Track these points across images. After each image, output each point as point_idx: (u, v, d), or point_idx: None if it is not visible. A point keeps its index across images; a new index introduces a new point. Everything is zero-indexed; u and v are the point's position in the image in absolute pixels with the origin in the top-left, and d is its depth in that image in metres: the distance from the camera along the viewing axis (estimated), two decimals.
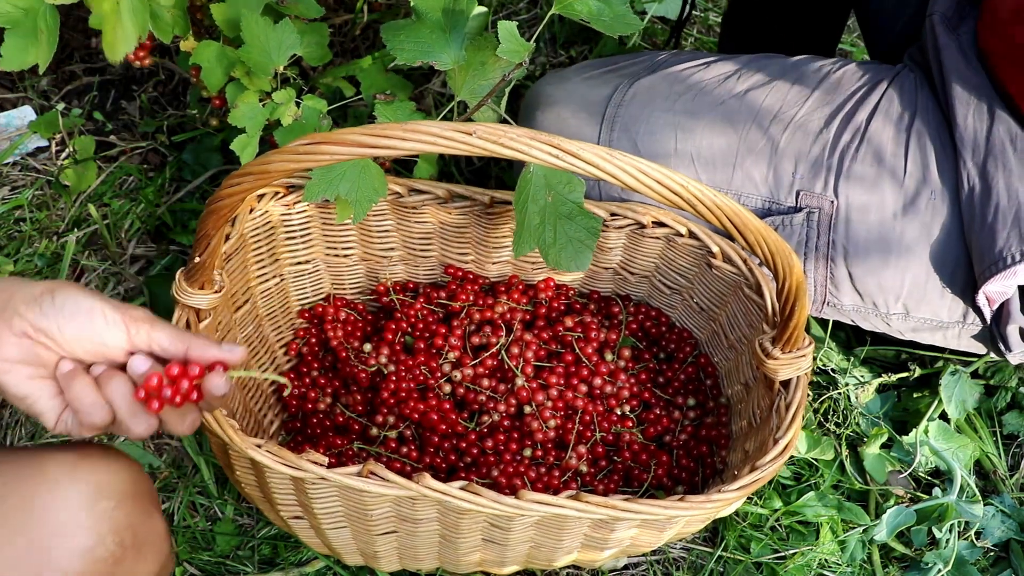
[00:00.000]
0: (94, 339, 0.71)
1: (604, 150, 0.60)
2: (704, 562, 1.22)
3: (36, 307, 0.70)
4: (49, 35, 0.96)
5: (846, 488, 1.29)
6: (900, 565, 1.26)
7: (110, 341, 0.71)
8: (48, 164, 1.47)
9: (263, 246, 1.12)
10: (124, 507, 0.75)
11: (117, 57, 0.98)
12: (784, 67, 1.22)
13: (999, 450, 1.34)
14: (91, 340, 0.71)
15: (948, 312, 1.17)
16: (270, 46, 1.02)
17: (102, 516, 0.73)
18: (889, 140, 1.15)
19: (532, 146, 0.60)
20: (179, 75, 1.55)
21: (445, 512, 0.93)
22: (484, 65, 1.02)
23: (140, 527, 0.76)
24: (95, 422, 0.72)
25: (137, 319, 0.72)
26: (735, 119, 1.17)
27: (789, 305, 0.78)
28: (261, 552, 1.20)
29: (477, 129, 0.61)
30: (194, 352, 0.72)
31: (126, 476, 0.76)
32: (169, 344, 0.72)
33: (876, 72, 1.22)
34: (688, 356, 1.21)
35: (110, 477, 0.75)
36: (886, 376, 1.35)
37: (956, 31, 1.17)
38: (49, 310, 0.70)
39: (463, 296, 1.19)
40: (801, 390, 0.93)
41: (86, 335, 0.71)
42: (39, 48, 0.96)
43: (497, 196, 1.11)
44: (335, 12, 1.48)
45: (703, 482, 1.14)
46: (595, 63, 1.26)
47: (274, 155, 0.69)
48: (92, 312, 0.71)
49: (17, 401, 0.72)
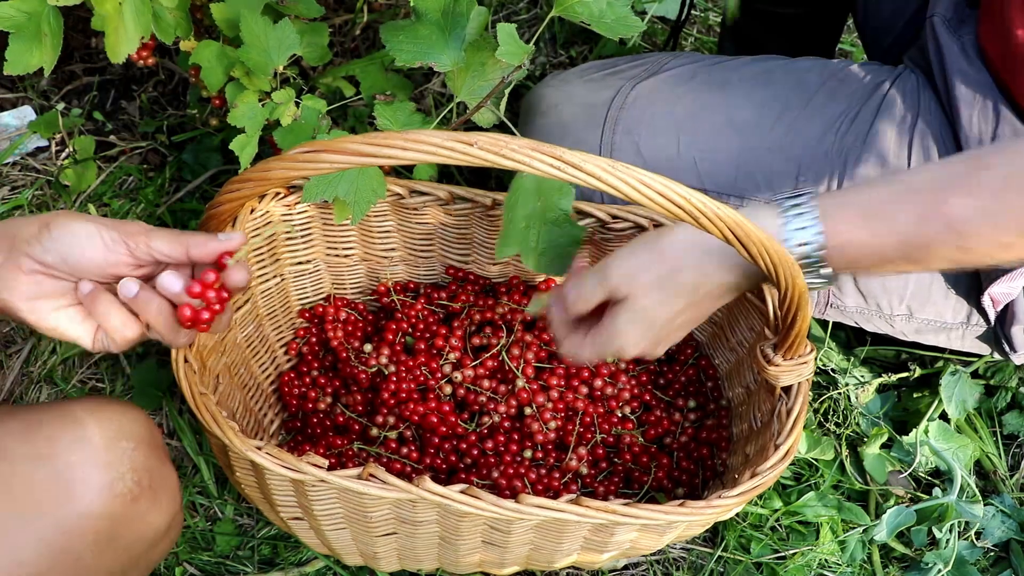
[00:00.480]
0: (98, 260, 0.74)
1: (607, 162, 0.60)
2: (704, 562, 1.22)
3: (37, 244, 0.73)
4: (53, 38, 0.96)
5: (846, 488, 1.29)
6: (900, 565, 1.26)
7: (114, 259, 0.74)
8: (48, 164, 1.46)
9: (263, 246, 1.12)
10: (142, 450, 0.79)
11: (119, 58, 0.98)
12: (787, 69, 1.22)
13: (999, 450, 1.35)
14: (96, 262, 0.74)
15: (952, 313, 1.16)
16: (270, 46, 1.02)
17: (122, 454, 0.77)
18: (892, 141, 1.15)
19: (534, 157, 0.60)
20: (179, 75, 1.54)
21: (445, 515, 0.93)
22: (484, 66, 1.02)
23: (156, 471, 0.80)
24: (128, 336, 0.76)
25: (133, 233, 0.74)
26: (737, 122, 1.16)
27: (791, 314, 0.78)
28: (261, 552, 1.20)
29: (478, 140, 0.60)
30: (194, 251, 0.75)
31: (143, 424, 0.81)
32: (169, 249, 0.75)
33: (878, 73, 1.22)
34: (689, 358, 1.21)
35: (129, 423, 0.80)
36: (886, 376, 1.35)
37: (958, 32, 1.16)
38: (50, 244, 0.73)
39: (464, 297, 1.19)
40: (802, 396, 0.93)
41: (90, 258, 0.74)
42: (43, 51, 0.96)
43: (498, 198, 1.11)
44: (335, 12, 1.47)
45: (703, 484, 1.14)
46: (596, 65, 1.26)
47: (274, 162, 0.68)
48: (91, 237, 0.73)
49: (49, 332, 0.76)
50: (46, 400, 1.28)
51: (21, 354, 1.30)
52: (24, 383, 1.29)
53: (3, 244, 0.73)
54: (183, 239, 0.75)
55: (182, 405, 1.27)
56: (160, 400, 1.27)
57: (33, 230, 0.73)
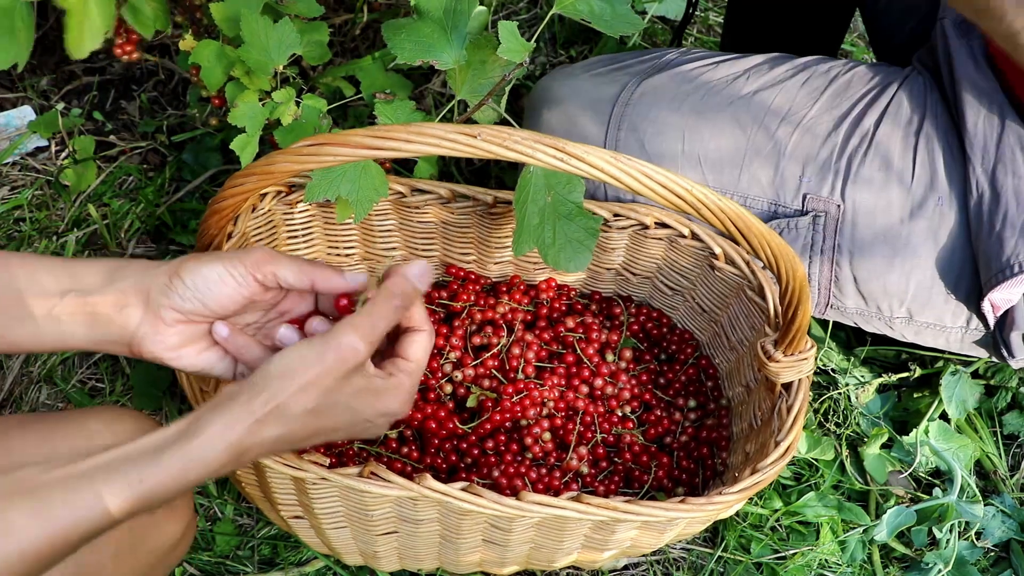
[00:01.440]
0: (234, 297, 0.75)
1: (609, 154, 0.60)
2: (704, 562, 1.22)
3: (173, 294, 0.73)
4: (26, 32, 0.96)
5: (846, 488, 1.29)
6: (900, 565, 1.26)
7: (246, 293, 0.75)
8: (48, 164, 1.46)
9: (265, 245, 1.12)
10: None
11: (83, 53, 0.97)
12: (793, 68, 1.22)
13: (999, 450, 1.34)
14: (232, 299, 0.75)
15: (952, 317, 1.16)
16: (270, 45, 1.02)
17: None
18: (897, 144, 1.15)
19: (537, 149, 0.60)
20: (179, 75, 1.55)
21: (446, 513, 0.93)
22: (484, 64, 1.02)
23: None
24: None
25: (259, 263, 0.75)
26: (743, 121, 1.16)
27: (792, 309, 0.78)
28: (261, 552, 1.19)
29: (482, 131, 0.60)
30: (320, 284, 0.76)
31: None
32: (295, 280, 0.75)
33: (885, 75, 1.22)
34: (689, 357, 1.21)
35: (142, 433, 0.79)
36: (886, 376, 1.35)
37: (967, 36, 1.16)
38: (185, 292, 0.73)
39: (464, 296, 1.19)
40: (803, 393, 0.93)
41: (226, 296, 0.74)
42: (17, 46, 0.95)
43: (500, 196, 1.11)
44: (335, 12, 1.47)
45: (703, 483, 1.14)
46: (602, 60, 1.25)
47: (278, 156, 0.68)
48: (222, 279, 0.74)
49: (194, 372, 0.78)
50: (46, 400, 1.28)
51: (20, 354, 1.30)
52: (24, 383, 1.29)
53: (138, 299, 0.73)
54: (308, 271, 0.75)
55: (182, 405, 1.27)
56: (160, 400, 1.27)
57: (164, 280, 0.74)
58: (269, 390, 0.66)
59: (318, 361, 0.67)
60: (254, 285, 0.75)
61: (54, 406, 1.28)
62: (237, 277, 0.74)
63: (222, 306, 0.75)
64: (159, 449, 0.64)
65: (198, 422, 0.65)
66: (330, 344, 0.68)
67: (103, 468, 0.63)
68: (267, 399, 0.66)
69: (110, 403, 1.29)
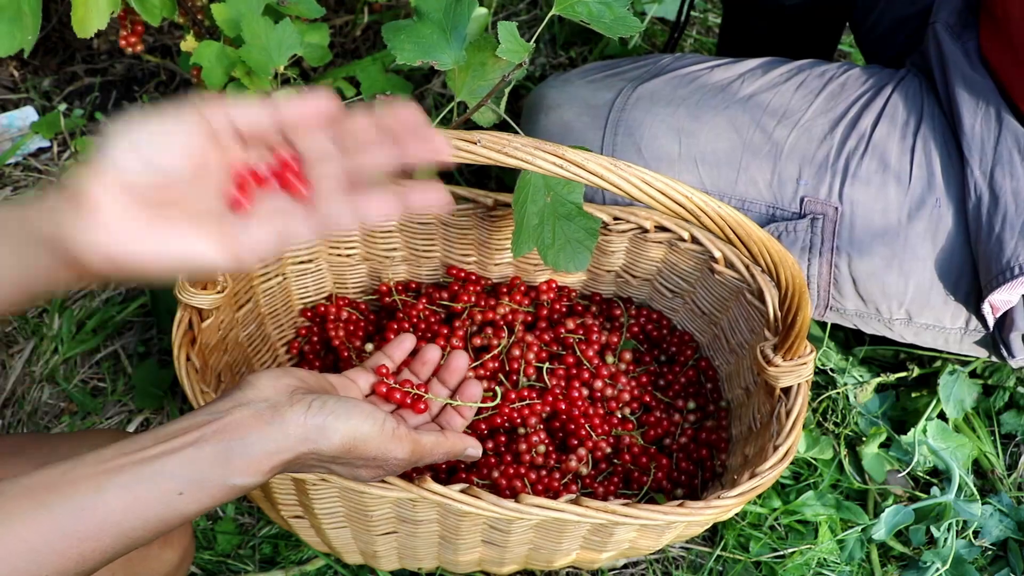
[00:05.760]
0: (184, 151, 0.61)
1: (608, 160, 0.60)
2: (703, 561, 1.22)
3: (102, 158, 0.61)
4: (33, 17, 0.96)
5: (845, 487, 1.30)
6: (898, 564, 1.26)
7: (196, 143, 0.61)
8: (50, 165, 1.47)
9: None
10: None
11: (88, 32, 0.96)
12: (789, 71, 1.22)
13: (997, 449, 1.35)
14: (181, 154, 0.61)
15: (951, 318, 1.17)
16: (270, 46, 1.02)
17: None
18: (894, 145, 1.15)
19: (536, 155, 0.60)
20: (180, 75, 1.55)
21: (445, 514, 0.94)
22: (484, 66, 1.02)
23: None
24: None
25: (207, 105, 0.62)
26: (739, 124, 1.16)
27: (791, 314, 0.79)
28: (262, 551, 1.20)
29: (482, 138, 0.61)
30: (287, 113, 0.62)
31: None
32: (256, 118, 0.62)
33: (880, 77, 1.22)
34: (689, 359, 1.21)
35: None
36: (885, 376, 1.35)
37: (961, 38, 1.16)
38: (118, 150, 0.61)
39: (465, 297, 1.19)
40: (802, 397, 0.93)
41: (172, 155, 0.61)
42: (23, 32, 0.96)
43: (500, 199, 1.11)
44: (335, 13, 1.48)
45: (702, 485, 1.14)
46: (598, 66, 1.26)
47: None
48: (163, 127, 0.61)
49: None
50: (48, 400, 1.28)
51: (23, 354, 1.31)
52: (26, 383, 1.29)
53: (51, 193, 0.62)
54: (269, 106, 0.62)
55: (183, 405, 1.28)
56: (161, 400, 1.28)
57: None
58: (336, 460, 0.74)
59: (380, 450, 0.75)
60: (205, 133, 0.61)
61: (56, 405, 1.28)
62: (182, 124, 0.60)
63: (170, 163, 0.60)
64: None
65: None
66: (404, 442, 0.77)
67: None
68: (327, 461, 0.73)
69: (112, 402, 1.29)
